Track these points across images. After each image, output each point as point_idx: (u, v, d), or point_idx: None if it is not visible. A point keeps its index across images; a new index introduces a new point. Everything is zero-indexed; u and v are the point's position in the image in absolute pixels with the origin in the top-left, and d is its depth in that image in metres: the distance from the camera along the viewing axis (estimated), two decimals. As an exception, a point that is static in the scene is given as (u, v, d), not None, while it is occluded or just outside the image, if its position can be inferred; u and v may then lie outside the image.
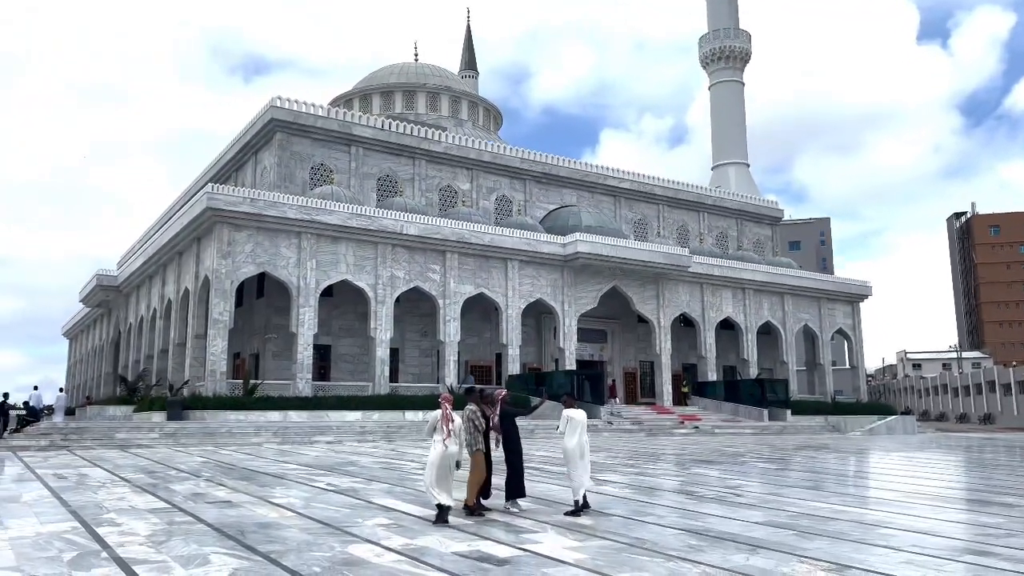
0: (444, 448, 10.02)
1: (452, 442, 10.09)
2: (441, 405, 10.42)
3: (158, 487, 13.69)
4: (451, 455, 10.08)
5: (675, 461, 20.81)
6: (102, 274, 51.46)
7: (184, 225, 35.93)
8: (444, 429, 10.08)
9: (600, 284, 43.22)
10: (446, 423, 10.16)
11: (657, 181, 53.04)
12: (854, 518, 10.69)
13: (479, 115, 59.41)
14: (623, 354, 47.74)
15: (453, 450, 10.11)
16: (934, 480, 17.00)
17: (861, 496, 13.47)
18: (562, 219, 46.29)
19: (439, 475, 10.02)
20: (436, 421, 10.30)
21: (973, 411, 76.74)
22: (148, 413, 32.37)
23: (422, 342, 40.86)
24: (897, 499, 12.95)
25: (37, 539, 8.64)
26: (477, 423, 10.57)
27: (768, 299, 50.57)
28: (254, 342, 39.23)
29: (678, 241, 52.59)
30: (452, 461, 10.10)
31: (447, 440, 10.05)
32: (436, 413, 10.49)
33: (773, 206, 59.83)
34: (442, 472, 10.02)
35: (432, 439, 10.26)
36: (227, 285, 33.20)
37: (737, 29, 73.66)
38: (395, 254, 37.30)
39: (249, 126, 42.47)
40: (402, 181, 43.36)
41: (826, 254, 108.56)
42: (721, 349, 49.41)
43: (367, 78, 59.86)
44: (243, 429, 27.34)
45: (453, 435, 10.10)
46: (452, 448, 10.09)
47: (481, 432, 10.57)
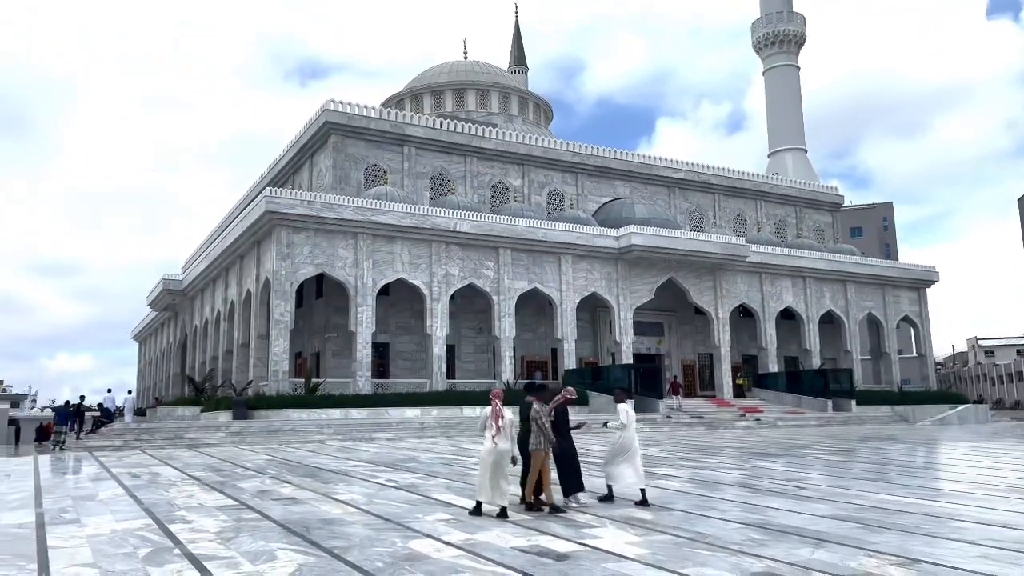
0: (494, 445, 10.01)
1: (502, 439, 10.06)
2: (491, 401, 10.45)
3: (226, 485, 14.08)
4: (502, 452, 10.05)
5: (736, 454, 20.51)
6: (168, 278, 53.07)
7: (244, 229, 36.81)
8: (494, 426, 10.08)
9: (656, 276, 42.80)
10: (495, 420, 10.15)
11: (712, 170, 52.24)
12: (924, 511, 10.39)
13: (529, 110, 59.38)
14: (681, 347, 47.21)
15: (504, 447, 10.07)
16: (1010, 471, 16.39)
17: (931, 488, 13.07)
18: (615, 212, 45.97)
19: (491, 472, 10.01)
20: (487, 418, 10.31)
21: (1051, 399, 73.69)
22: (215, 413, 33.29)
23: (477, 338, 41.09)
24: (970, 491, 12.53)
25: (113, 536, 8.99)
26: (540, 422, 10.52)
27: (830, 287, 49.37)
28: (315, 341, 39.99)
29: (735, 230, 51.73)
30: (503, 458, 10.06)
31: (496, 437, 10.03)
32: (487, 410, 10.51)
33: (833, 192, 58.37)
34: (493, 469, 10.00)
35: (484, 435, 10.31)
36: (287, 286, 33.91)
37: (791, 12, 72.00)
38: (449, 252, 37.57)
39: (304, 130, 43.27)
40: (454, 179, 43.63)
41: (889, 240, 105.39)
42: (782, 339, 48.44)
43: (417, 78, 60.37)
44: (306, 427, 27.93)
45: (503, 432, 10.07)
46: (503, 445, 10.05)
47: (543, 431, 10.48)
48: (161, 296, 54.34)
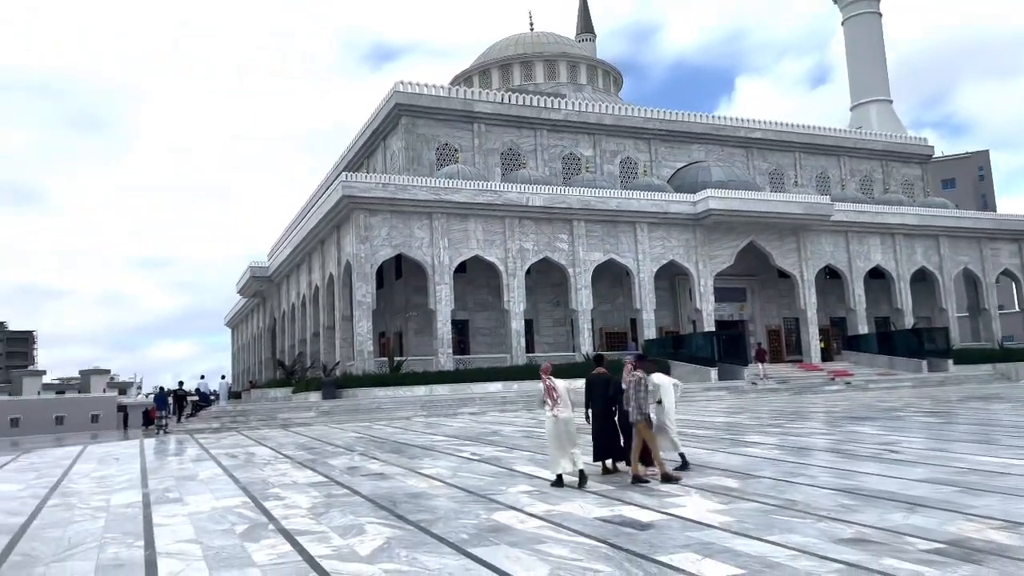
0: (555, 416, 10.24)
1: (561, 409, 10.27)
2: (541, 378, 10.60)
3: (317, 462, 14.57)
4: (564, 421, 10.25)
5: (825, 419, 19.96)
6: (255, 266, 54.98)
7: (323, 214, 37.69)
8: (549, 399, 10.33)
9: (736, 241, 41.80)
10: (549, 394, 10.39)
11: (791, 128, 50.45)
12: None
13: (598, 78, 58.51)
14: (765, 312, 46.07)
15: (563, 416, 10.27)
16: (1125, 429, 15.43)
17: (1037, 449, 12.42)
18: (691, 176, 44.99)
19: (557, 444, 10.25)
20: (543, 394, 10.51)
21: None
22: (305, 393, 34.42)
23: (555, 312, 41.09)
24: (1080, 451, 11.85)
25: (213, 513, 9.43)
26: (631, 393, 10.45)
27: (921, 243, 47.23)
28: (396, 321, 40.79)
29: (818, 189, 49.94)
30: (568, 426, 10.27)
31: (555, 409, 10.26)
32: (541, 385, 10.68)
33: (921, 143, 55.58)
34: (561, 440, 10.22)
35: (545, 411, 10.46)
36: (367, 268, 34.61)
37: (870, -44, 68.50)
38: (522, 226, 37.58)
39: (376, 113, 43.83)
40: (524, 153, 43.49)
41: (986, 190, 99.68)
42: (871, 300, 46.70)
43: (484, 53, 60.22)
44: (391, 404, 28.60)
45: (561, 402, 10.28)
46: (564, 414, 10.27)
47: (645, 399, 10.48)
48: (249, 283, 56.34)
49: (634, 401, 10.39)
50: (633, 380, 10.48)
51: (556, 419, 10.29)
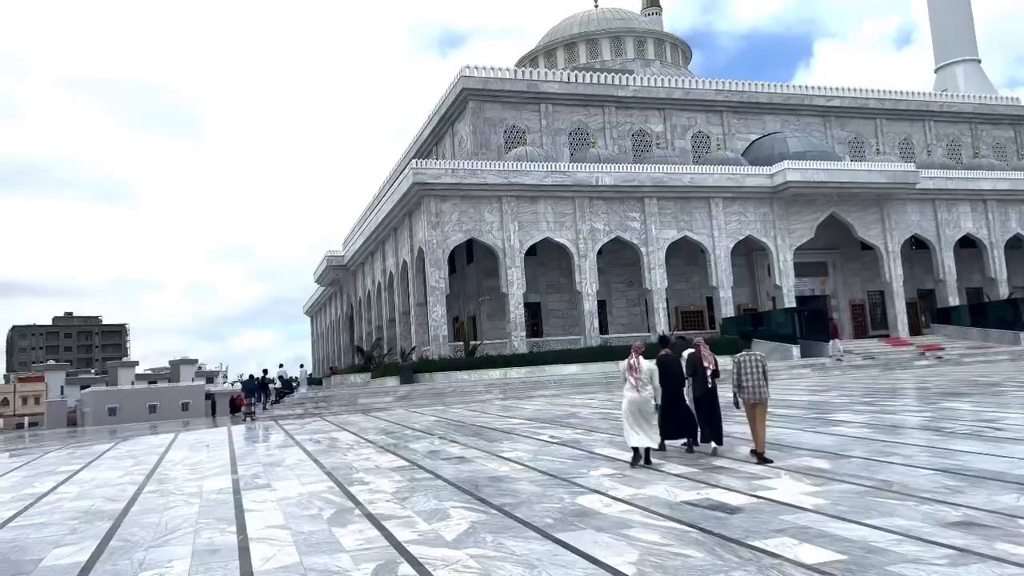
0: (634, 395, 10.39)
1: (642, 388, 10.42)
2: (630, 355, 10.68)
3: (398, 447, 14.74)
4: (639, 401, 10.38)
5: (918, 396, 19.14)
6: (331, 255, 56.13)
7: (396, 202, 38.10)
8: (631, 378, 10.48)
9: (815, 213, 40.42)
10: (632, 373, 10.51)
11: (871, 93, 48.34)
12: None
13: (666, 52, 57.29)
14: (847, 286, 44.49)
15: (643, 395, 10.42)
16: None
17: None
18: (766, 148, 43.64)
19: (632, 421, 10.39)
20: (625, 371, 10.56)
21: None
22: (383, 379, 35.01)
23: (628, 292, 40.60)
24: None
25: (300, 499, 9.61)
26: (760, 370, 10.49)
27: (1016, 208, 44.73)
28: (469, 305, 41.04)
29: (901, 156, 47.82)
30: (644, 407, 10.41)
31: (635, 388, 10.40)
32: (624, 363, 10.81)
33: (1014, 103, 52.53)
34: (634, 418, 10.36)
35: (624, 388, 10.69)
36: (439, 254, 34.87)
37: (953, -93, 64.84)
38: (593, 207, 37.19)
39: (443, 99, 43.96)
40: (593, 132, 42.96)
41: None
42: (962, 270, 44.55)
43: (549, 32, 59.66)
44: (468, 387, 28.81)
45: (641, 383, 10.42)
46: (643, 394, 10.41)
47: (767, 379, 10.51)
48: (326, 272, 57.58)
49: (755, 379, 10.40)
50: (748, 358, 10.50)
51: (634, 398, 10.45)
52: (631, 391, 10.47)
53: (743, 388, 10.32)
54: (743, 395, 10.35)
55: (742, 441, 11.66)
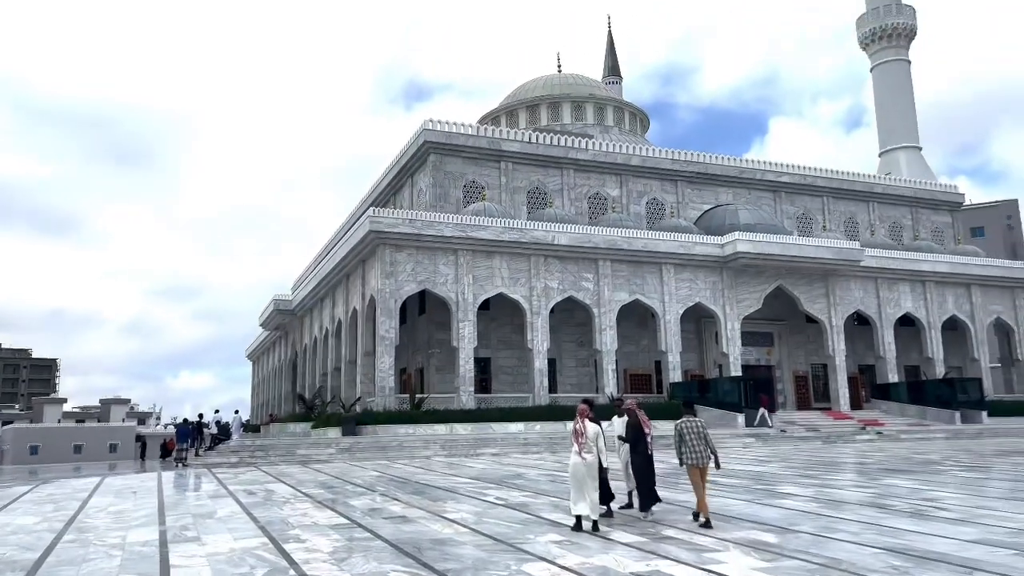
0: (580, 459, 10.26)
1: (587, 453, 10.30)
2: (575, 418, 10.59)
3: (337, 502, 14.21)
4: (584, 466, 10.25)
5: (860, 470, 19.30)
6: (279, 299, 55.12)
7: (350, 248, 37.76)
8: (576, 443, 10.38)
9: (763, 284, 41.28)
10: (576, 437, 10.43)
11: (820, 172, 50.11)
12: (1090, 537, 9.33)
13: (625, 120, 58.71)
14: (792, 357, 45.28)
15: (588, 460, 10.28)
16: None
17: (1092, 510, 11.79)
18: (718, 219, 44.67)
19: (577, 486, 10.26)
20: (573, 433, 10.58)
21: None
22: (324, 429, 34.12)
23: (579, 352, 40.64)
24: None
25: (231, 555, 9.10)
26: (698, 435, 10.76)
27: (952, 291, 46.39)
28: (418, 357, 40.53)
29: (846, 234, 49.39)
30: (589, 472, 10.27)
31: (581, 452, 10.28)
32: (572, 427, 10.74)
33: (951, 191, 54.98)
34: (579, 484, 10.24)
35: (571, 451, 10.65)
36: (391, 303, 34.50)
37: (899, 4, 68.60)
38: (548, 265, 37.38)
39: (404, 150, 44.14)
40: (551, 192, 43.48)
41: (1015, 239, 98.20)
42: (901, 348, 45.80)
43: (512, 93, 60.73)
44: (412, 442, 28.19)
45: (586, 447, 10.31)
46: (588, 459, 10.28)
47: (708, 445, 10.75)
48: (272, 316, 56.45)
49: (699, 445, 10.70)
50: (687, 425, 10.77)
51: (580, 462, 10.33)
52: (576, 455, 10.36)
53: (687, 453, 10.64)
54: (687, 460, 10.63)
55: (684, 508, 11.52)
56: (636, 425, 11.54)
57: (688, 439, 10.62)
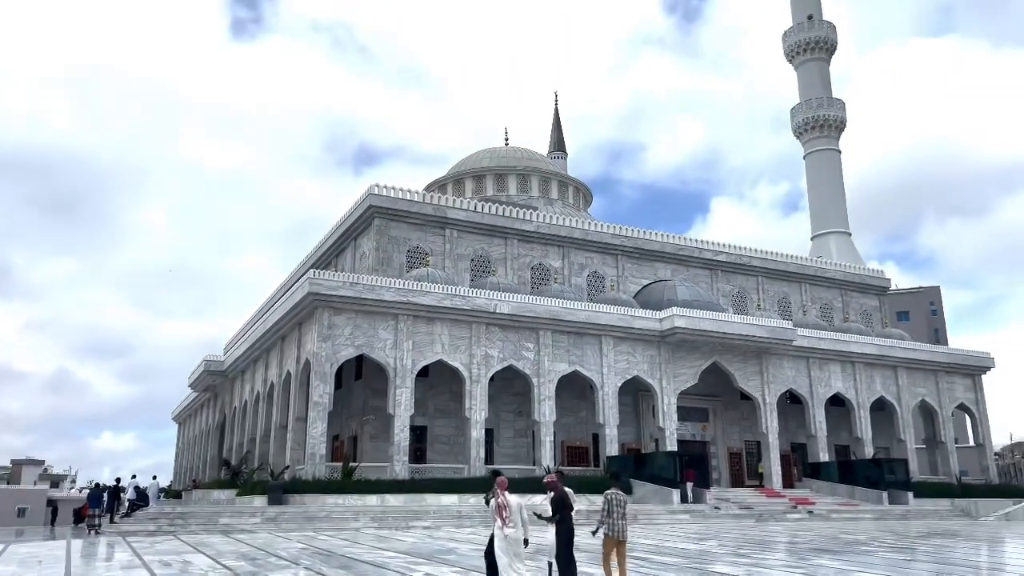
0: (504, 533, 10.18)
1: (510, 526, 10.20)
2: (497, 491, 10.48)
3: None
4: (512, 540, 10.15)
5: (791, 550, 19.36)
6: (210, 359, 53.53)
7: (287, 310, 37.09)
8: (499, 517, 10.27)
9: (699, 360, 41.88)
10: (499, 511, 10.34)
11: (755, 253, 51.72)
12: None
13: (569, 194, 59.92)
14: (726, 433, 45.72)
15: (515, 533, 10.18)
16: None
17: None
18: (656, 294, 45.47)
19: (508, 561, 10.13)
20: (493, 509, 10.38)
21: (1122, 493, 69.51)
22: (250, 497, 32.81)
23: (517, 422, 40.30)
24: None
25: (139, 633, 8.51)
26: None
27: (880, 373, 47.82)
28: (352, 424, 39.60)
29: (779, 314, 50.74)
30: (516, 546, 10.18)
31: (504, 527, 10.19)
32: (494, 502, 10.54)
33: (879, 275, 57.29)
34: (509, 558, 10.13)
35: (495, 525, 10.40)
36: (327, 368, 33.80)
37: (830, 98, 72.48)
38: (489, 333, 37.31)
39: (350, 213, 44.03)
40: (495, 261, 43.75)
41: (938, 325, 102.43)
42: (832, 427, 46.71)
43: (460, 163, 61.55)
44: (341, 513, 27.29)
45: (509, 520, 10.21)
46: (515, 532, 10.18)
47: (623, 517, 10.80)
48: (202, 377, 54.72)
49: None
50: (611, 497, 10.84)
51: (505, 535, 10.20)
52: (502, 529, 10.18)
53: (611, 525, 10.68)
54: (611, 532, 10.65)
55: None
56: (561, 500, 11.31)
57: (613, 511, 10.69)
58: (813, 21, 74.19)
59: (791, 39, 75.16)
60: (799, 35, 74.34)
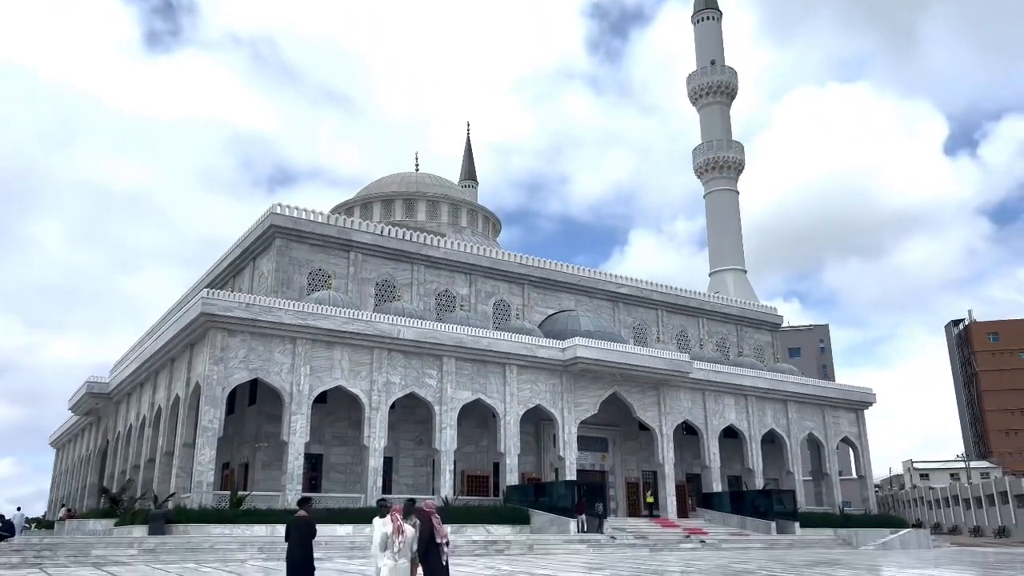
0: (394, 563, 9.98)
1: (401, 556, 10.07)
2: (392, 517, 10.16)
3: (127, 612, 12.62)
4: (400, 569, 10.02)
5: (684, 580, 19.55)
6: (92, 381, 50.58)
7: (178, 331, 35.45)
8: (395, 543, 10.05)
9: (600, 390, 42.37)
10: (397, 536, 10.16)
11: (656, 287, 53.03)
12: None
13: (478, 222, 60.06)
14: (625, 463, 46.32)
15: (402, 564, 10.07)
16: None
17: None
18: (560, 323, 45.90)
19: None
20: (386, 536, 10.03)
21: (987, 523, 74.14)
22: (129, 527, 30.92)
23: (417, 451, 39.64)
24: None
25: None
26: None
27: (771, 406, 49.58)
28: (244, 451, 38.02)
29: (678, 347, 52.05)
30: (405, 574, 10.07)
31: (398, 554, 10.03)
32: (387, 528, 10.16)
33: (772, 312, 59.67)
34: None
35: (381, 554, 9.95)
36: (218, 392, 32.40)
37: (730, 140, 75.65)
38: (391, 359, 36.68)
39: (248, 232, 42.67)
40: (400, 286, 43.23)
41: (826, 361, 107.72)
42: (725, 458, 48.01)
43: (368, 187, 60.83)
44: (227, 544, 25.99)
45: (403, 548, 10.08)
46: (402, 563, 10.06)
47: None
48: (84, 400, 51.60)
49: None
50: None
51: (396, 565, 9.93)
52: (391, 559, 9.87)
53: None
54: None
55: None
56: (428, 532, 10.87)
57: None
58: (716, 66, 77.53)
59: (694, 82, 78.29)
60: (702, 79, 77.53)
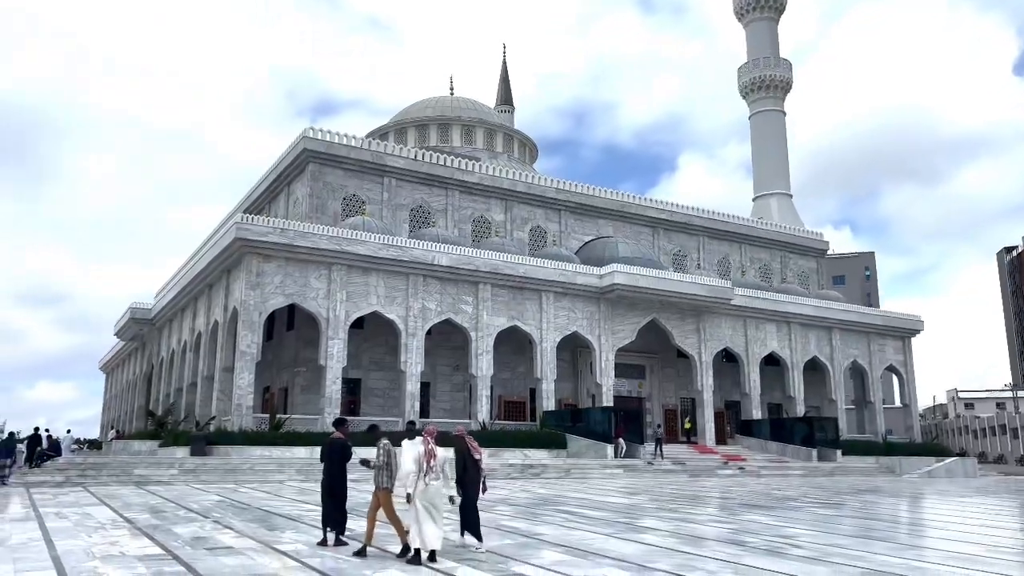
0: (425, 485, 9.68)
1: (433, 478, 9.75)
2: (424, 440, 9.96)
3: (159, 529, 12.65)
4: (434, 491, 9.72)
5: (721, 506, 19.23)
6: (136, 307, 51.42)
7: (214, 256, 35.49)
8: (425, 465, 9.73)
9: (638, 317, 41.74)
10: (429, 458, 9.79)
11: (696, 212, 51.62)
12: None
13: (514, 148, 58.80)
14: (663, 390, 45.99)
15: (436, 485, 9.75)
16: (1016, 532, 15.24)
17: (938, 549, 11.87)
18: (598, 250, 45.04)
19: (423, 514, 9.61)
20: (420, 456, 9.67)
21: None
22: (172, 448, 31.61)
23: (454, 376, 39.69)
24: (979, 554, 11.34)
25: (-5, 593, 7.60)
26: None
27: (815, 334, 48.53)
28: (283, 376, 38.44)
29: (719, 273, 50.94)
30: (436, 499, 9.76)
31: (428, 476, 9.72)
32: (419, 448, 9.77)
33: (818, 238, 57.94)
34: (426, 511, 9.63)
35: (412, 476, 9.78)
36: (255, 317, 32.51)
37: (777, 58, 72.34)
38: (427, 285, 36.38)
39: (283, 157, 42.23)
40: (435, 212, 42.63)
41: (871, 289, 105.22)
42: (766, 386, 47.36)
43: (402, 112, 59.75)
44: (266, 466, 26.34)
45: (435, 471, 9.77)
46: (434, 485, 9.74)
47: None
48: (128, 325, 52.61)
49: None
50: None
51: (427, 487, 9.69)
52: (422, 481, 9.62)
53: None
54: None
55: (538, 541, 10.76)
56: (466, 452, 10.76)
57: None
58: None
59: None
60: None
